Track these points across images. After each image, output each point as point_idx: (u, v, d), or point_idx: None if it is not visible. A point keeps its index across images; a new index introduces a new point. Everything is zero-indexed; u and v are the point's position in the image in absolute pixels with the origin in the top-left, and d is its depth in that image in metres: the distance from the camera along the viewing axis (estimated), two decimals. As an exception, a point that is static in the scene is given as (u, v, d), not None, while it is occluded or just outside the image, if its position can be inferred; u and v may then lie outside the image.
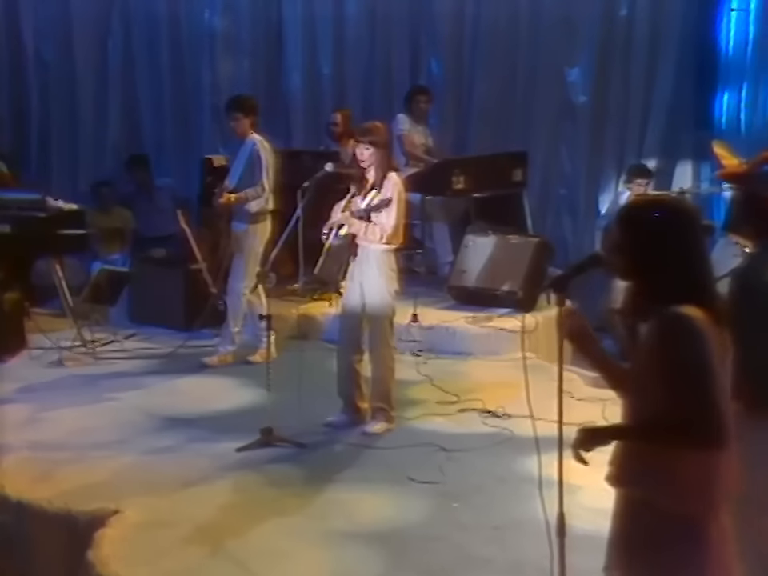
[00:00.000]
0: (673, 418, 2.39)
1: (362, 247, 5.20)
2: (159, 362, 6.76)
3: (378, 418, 5.38)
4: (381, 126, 5.30)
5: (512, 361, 6.23)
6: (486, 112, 8.90)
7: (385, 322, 5.24)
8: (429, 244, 8.05)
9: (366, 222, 5.11)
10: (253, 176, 6.36)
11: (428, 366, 6.52)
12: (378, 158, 5.12)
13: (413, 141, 8.21)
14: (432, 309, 7.19)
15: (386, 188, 5.14)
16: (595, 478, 2.73)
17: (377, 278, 5.18)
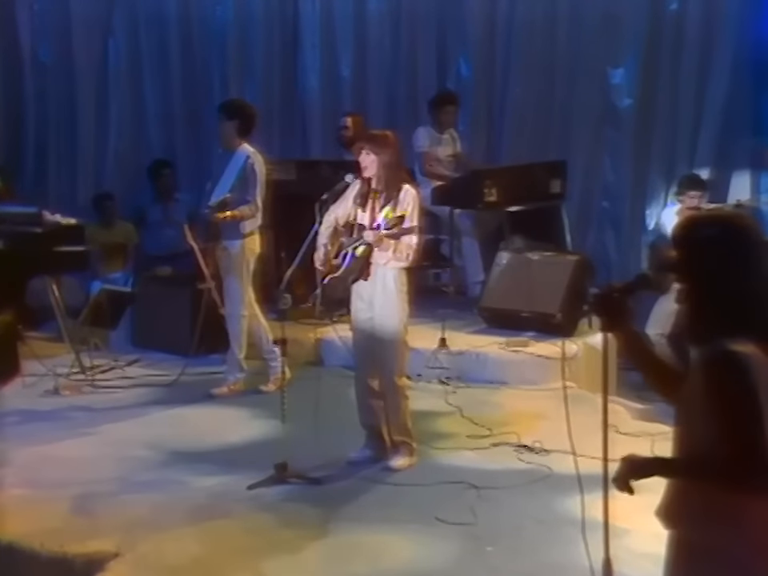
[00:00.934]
0: (716, 455, 2.41)
1: (378, 265, 5.23)
2: (164, 391, 6.78)
3: (401, 452, 5.39)
4: (389, 135, 5.32)
5: (550, 391, 6.21)
6: (521, 118, 8.92)
7: (398, 344, 5.26)
8: (458, 261, 8.10)
9: (393, 243, 5.13)
10: (245, 191, 6.37)
11: (457, 396, 6.51)
12: (380, 168, 5.14)
13: (436, 156, 8.27)
14: (461, 333, 7.19)
15: (404, 202, 5.16)
16: (644, 521, 2.72)
17: (394, 297, 5.22)
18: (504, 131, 9.02)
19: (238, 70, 9.58)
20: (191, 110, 9.59)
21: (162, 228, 8.45)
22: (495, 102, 9.05)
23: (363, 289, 5.26)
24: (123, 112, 9.56)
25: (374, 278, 5.24)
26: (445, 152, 8.36)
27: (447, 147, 8.37)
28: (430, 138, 8.28)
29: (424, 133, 8.30)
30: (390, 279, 5.22)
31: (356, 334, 5.38)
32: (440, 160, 8.34)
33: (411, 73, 9.26)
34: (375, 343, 5.26)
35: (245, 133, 6.42)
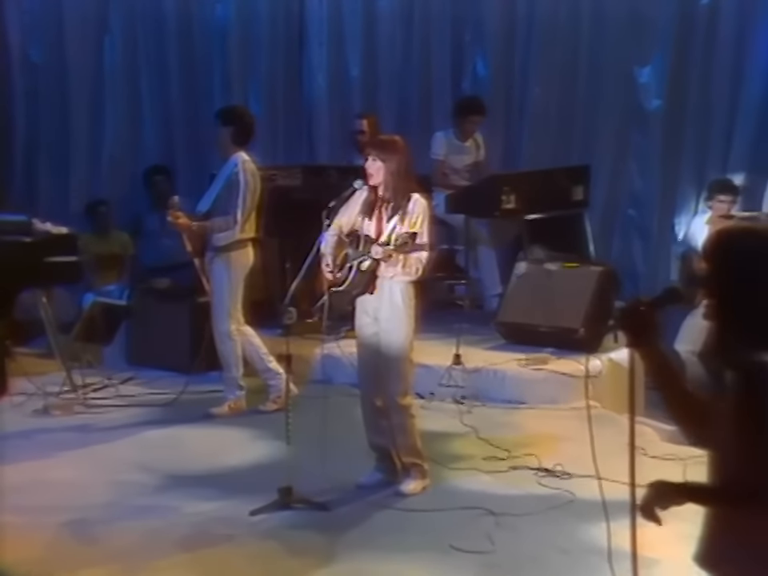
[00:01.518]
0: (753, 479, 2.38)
1: (384, 278, 5.23)
2: (160, 411, 6.78)
3: (412, 475, 5.38)
4: (398, 140, 5.31)
5: (573, 411, 6.22)
6: (541, 120, 8.92)
7: (404, 360, 5.26)
8: (474, 273, 8.11)
9: (402, 257, 5.13)
10: (228, 202, 6.39)
11: (473, 416, 6.50)
12: (387, 175, 5.15)
13: (452, 166, 8.28)
14: (477, 348, 7.20)
15: (413, 213, 5.16)
16: (674, 550, 2.71)
17: (401, 312, 5.22)
18: (523, 134, 9.03)
19: (240, 69, 9.63)
20: (191, 113, 9.61)
21: (160, 237, 8.44)
22: (514, 103, 9.08)
23: (368, 303, 5.27)
24: (119, 114, 9.57)
25: (380, 292, 5.25)
26: (464, 161, 8.36)
27: (467, 156, 8.37)
28: (448, 146, 8.29)
29: (442, 139, 8.30)
30: (396, 293, 5.22)
31: (360, 349, 5.38)
32: (457, 170, 8.35)
33: (424, 72, 9.28)
34: (380, 360, 5.27)
35: (240, 141, 6.44)
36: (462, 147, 8.34)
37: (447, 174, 8.30)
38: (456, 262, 8.29)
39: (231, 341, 6.53)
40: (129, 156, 9.55)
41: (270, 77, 9.61)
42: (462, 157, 8.35)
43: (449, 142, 8.29)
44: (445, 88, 9.15)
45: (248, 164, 6.42)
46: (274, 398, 6.52)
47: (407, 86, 9.37)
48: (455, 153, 8.31)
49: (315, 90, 9.57)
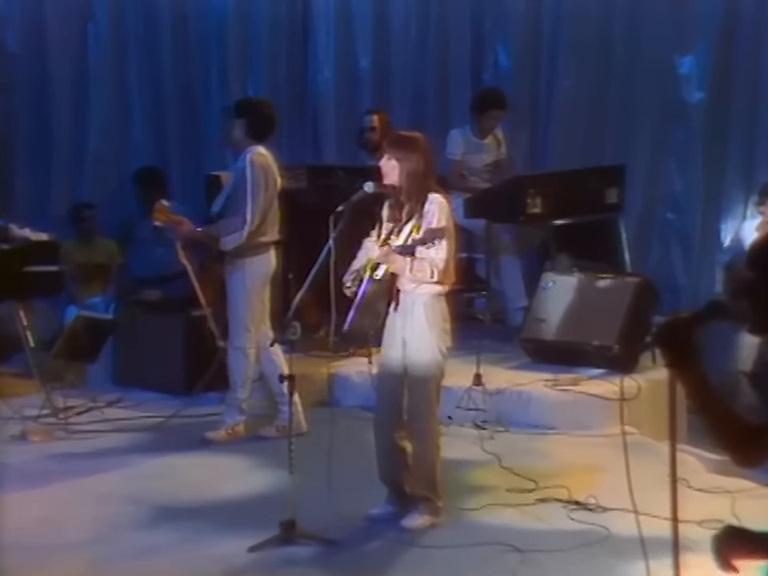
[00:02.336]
0: None
1: (405, 292, 5.23)
2: (151, 436, 6.78)
3: (419, 510, 5.37)
4: (417, 138, 5.33)
5: (607, 437, 6.19)
6: (570, 115, 8.93)
7: (431, 386, 5.26)
8: (496, 284, 8.13)
9: (411, 258, 5.12)
10: (237, 202, 6.38)
11: (495, 443, 6.50)
12: (403, 176, 5.15)
13: (470, 166, 8.30)
14: (500, 368, 7.22)
15: (429, 214, 5.16)
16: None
17: (425, 332, 5.21)
18: (550, 131, 9.03)
19: (239, 60, 9.66)
20: (185, 108, 9.65)
21: (151, 245, 8.46)
22: (540, 97, 9.07)
23: (394, 322, 5.27)
24: (105, 109, 9.58)
25: (403, 308, 5.24)
26: (483, 160, 8.38)
27: (487, 155, 8.39)
28: (465, 144, 8.30)
29: (458, 137, 8.32)
30: (419, 308, 5.21)
31: (382, 373, 5.38)
32: (475, 170, 8.37)
33: (441, 63, 9.30)
34: (404, 384, 5.28)
35: (256, 134, 6.44)
36: (481, 145, 8.35)
37: (465, 175, 8.32)
38: (476, 272, 8.31)
39: (245, 358, 6.51)
40: (116, 155, 9.58)
41: (271, 69, 9.65)
42: (480, 156, 8.36)
43: (466, 139, 8.31)
44: (463, 81, 9.16)
45: (258, 157, 6.41)
46: (279, 425, 6.49)
47: (422, 79, 9.39)
48: (473, 151, 8.33)
49: (321, 83, 9.59)
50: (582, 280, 7.35)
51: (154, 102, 9.68)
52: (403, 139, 5.31)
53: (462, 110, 8.79)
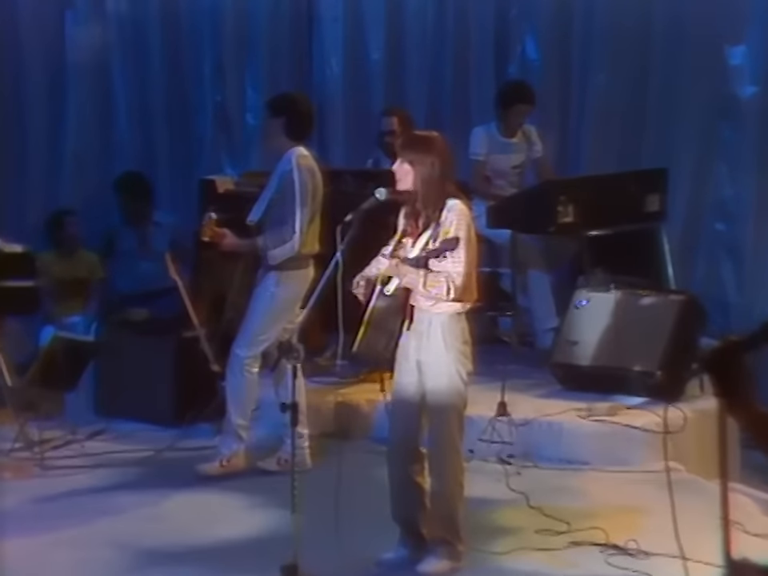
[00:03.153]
0: None
1: (421, 310, 5.23)
2: (137, 473, 6.77)
3: (437, 554, 5.36)
4: (433, 137, 5.33)
5: (648, 474, 6.18)
6: (606, 113, 8.93)
7: (452, 416, 5.26)
8: (522, 302, 8.13)
9: (425, 271, 5.13)
10: (282, 209, 6.41)
11: (523, 479, 6.49)
12: (421, 181, 5.17)
13: (496, 167, 8.32)
14: (528, 396, 7.22)
15: (446, 222, 5.17)
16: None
17: (443, 355, 5.20)
18: (583, 130, 9.04)
19: (235, 52, 9.71)
20: (174, 105, 9.68)
21: (136, 258, 8.51)
22: (572, 92, 9.08)
23: (408, 343, 5.27)
24: (85, 106, 9.61)
25: (418, 328, 5.24)
26: (510, 161, 8.40)
27: (515, 155, 8.40)
28: (490, 143, 8.31)
29: (482, 135, 8.33)
30: (436, 328, 5.21)
31: (396, 401, 5.37)
32: (502, 172, 8.38)
33: (462, 55, 9.29)
34: (420, 414, 5.29)
35: (296, 134, 6.49)
36: (508, 144, 8.36)
37: (490, 179, 8.34)
38: (500, 288, 8.32)
39: (243, 376, 6.50)
40: (97, 157, 9.60)
41: (271, 61, 9.67)
42: (507, 156, 8.37)
43: (491, 138, 8.31)
44: (486, 75, 9.17)
45: (304, 159, 6.45)
46: (282, 458, 6.47)
47: (440, 73, 9.40)
48: (499, 151, 8.33)
49: (328, 77, 9.62)
50: (620, 298, 7.33)
51: (140, 98, 9.69)
52: (418, 140, 5.33)
53: (484, 107, 8.82)
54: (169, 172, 9.61)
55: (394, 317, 5.23)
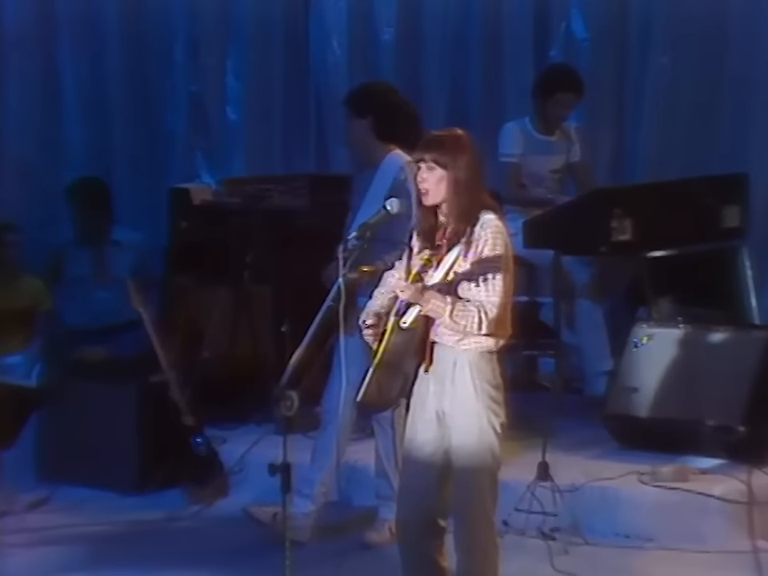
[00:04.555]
0: None
1: (443, 347, 5.16)
2: (90, 551, 6.71)
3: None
4: (462, 135, 5.23)
5: (728, 555, 6.10)
6: (670, 106, 8.97)
7: (483, 479, 5.17)
8: (569, 339, 8.15)
9: (453, 298, 5.05)
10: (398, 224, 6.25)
11: (570, 559, 6.47)
12: (451, 188, 5.10)
13: (533, 171, 8.33)
14: (576, 456, 7.25)
15: (480, 240, 5.08)
16: None
17: (471, 402, 5.12)
18: (642, 127, 9.09)
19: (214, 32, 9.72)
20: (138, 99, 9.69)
21: (91, 286, 8.47)
22: (628, 79, 9.15)
23: (426, 388, 5.20)
24: (26, 99, 9.61)
25: (440, 369, 5.16)
26: (550, 164, 8.41)
27: (557, 156, 8.40)
28: (525, 142, 8.30)
29: (515, 132, 8.32)
30: (463, 370, 5.12)
31: (409, 462, 5.31)
32: (540, 177, 8.38)
33: (492, 35, 9.32)
34: (441, 478, 5.22)
35: (388, 134, 6.55)
36: (548, 143, 8.35)
37: (526, 186, 8.32)
38: (541, 321, 8.34)
39: (336, 422, 6.52)
40: (43, 161, 9.61)
41: (259, 43, 9.69)
42: (547, 158, 8.38)
43: (526, 135, 8.30)
44: (523, 58, 9.21)
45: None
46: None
47: (465, 56, 9.44)
48: (536, 151, 8.32)
49: (328, 62, 9.64)
50: (691, 334, 7.32)
51: (95, 88, 9.69)
52: (446, 139, 5.20)
53: (520, 98, 8.83)
54: (131, 179, 9.62)
55: (411, 355, 5.16)
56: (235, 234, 7.97)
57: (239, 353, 7.13)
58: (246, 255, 7.01)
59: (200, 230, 6.89)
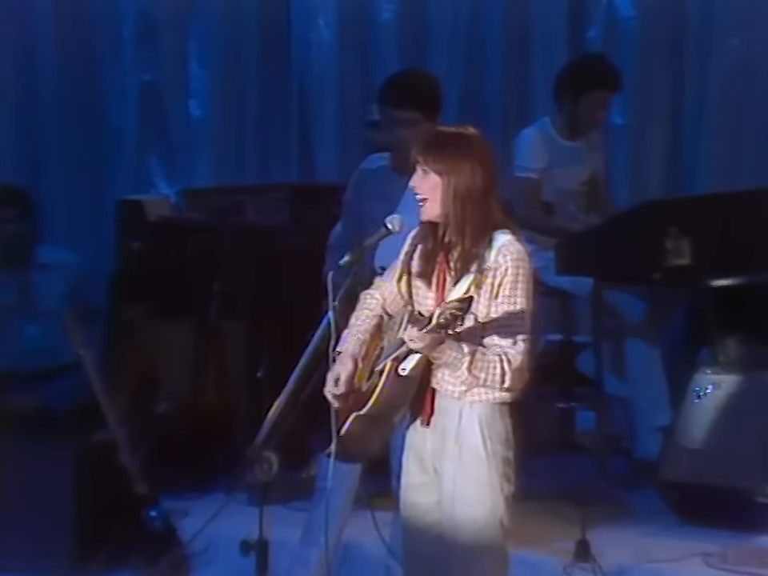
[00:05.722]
0: None
1: (446, 397, 5.16)
2: None
3: None
4: (467, 133, 5.20)
5: None
6: (740, 101, 9.05)
7: (493, 554, 5.20)
8: (613, 387, 8.24)
9: (471, 347, 5.00)
10: None
11: None
12: (456, 199, 5.07)
13: (559, 186, 8.38)
14: (623, 531, 7.29)
15: (499, 271, 5.05)
16: None
17: (482, 471, 5.16)
18: (703, 126, 9.22)
19: (172, 10, 9.75)
20: (76, 89, 9.72)
21: (17, 320, 8.38)
22: (686, 67, 9.21)
23: (422, 444, 5.22)
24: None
25: (442, 425, 5.16)
26: (580, 176, 8.50)
27: (584, 166, 8.49)
28: (550, 152, 8.33)
29: (536, 141, 8.37)
30: (471, 426, 5.12)
31: (409, 532, 5.35)
32: (568, 194, 8.46)
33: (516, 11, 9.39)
34: (446, 552, 5.23)
35: None
36: (575, 151, 8.41)
37: (552, 206, 8.35)
38: (576, 366, 8.46)
39: None
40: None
41: (230, 23, 9.72)
42: (576, 169, 8.45)
43: (549, 143, 8.37)
44: (555, 42, 9.31)
45: None
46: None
47: (481, 41, 9.50)
48: (564, 162, 8.38)
49: (314, 46, 9.70)
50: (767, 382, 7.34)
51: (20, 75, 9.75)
52: (448, 138, 5.20)
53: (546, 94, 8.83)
54: (66, 188, 9.69)
55: (405, 404, 5.19)
56: (199, 257, 8.04)
57: (204, 404, 7.20)
58: (212, 282, 7.09)
59: (155, 251, 6.86)
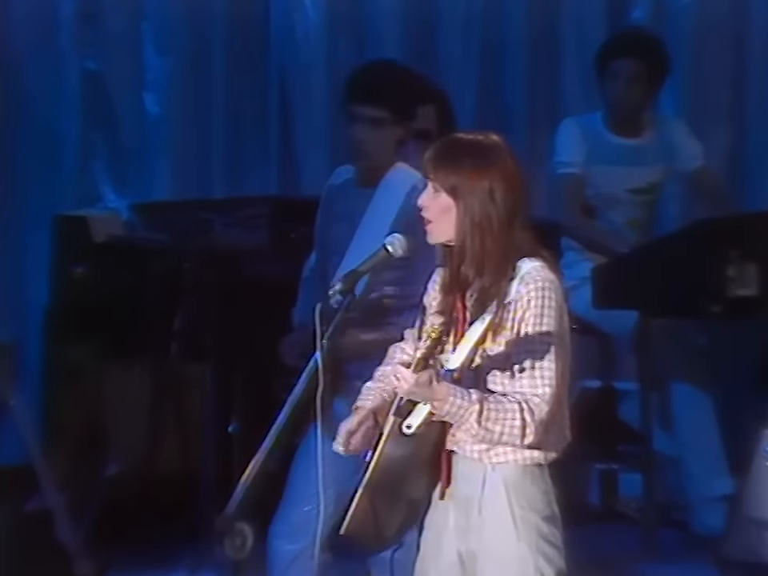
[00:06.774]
0: None
1: (466, 460, 5.15)
2: None
3: None
4: (490, 143, 5.20)
5: None
6: None
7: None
8: (664, 446, 8.40)
9: (480, 394, 4.98)
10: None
11: None
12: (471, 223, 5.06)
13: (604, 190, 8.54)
14: None
15: (521, 303, 5.03)
16: None
17: (510, 542, 5.14)
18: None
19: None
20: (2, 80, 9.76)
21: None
22: (750, 58, 9.29)
23: (442, 519, 5.19)
24: None
25: (464, 494, 5.12)
26: (629, 180, 8.64)
27: (639, 169, 8.65)
28: (590, 144, 8.45)
29: (575, 130, 8.61)
30: (497, 493, 5.11)
31: None
32: (614, 199, 8.61)
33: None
34: None
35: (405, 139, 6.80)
36: (626, 148, 8.64)
37: (594, 210, 8.37)
38: (620, 418, 8.56)
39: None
40: None
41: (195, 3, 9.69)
42: (624, 170, 8.64)
43: (592, 135, 8.58)
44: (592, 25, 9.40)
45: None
46: None
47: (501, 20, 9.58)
48: (606, 159, 8.59)
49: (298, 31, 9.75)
50: None
51: None
52: (465, 150, 5.18)
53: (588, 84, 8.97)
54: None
55: (418, 472, 5.19)
56: (157, 286, 8.09)
57: (163, 464, 7.23)
58: (173, 317, 7.08)
59: (103, 278, 6.85)
